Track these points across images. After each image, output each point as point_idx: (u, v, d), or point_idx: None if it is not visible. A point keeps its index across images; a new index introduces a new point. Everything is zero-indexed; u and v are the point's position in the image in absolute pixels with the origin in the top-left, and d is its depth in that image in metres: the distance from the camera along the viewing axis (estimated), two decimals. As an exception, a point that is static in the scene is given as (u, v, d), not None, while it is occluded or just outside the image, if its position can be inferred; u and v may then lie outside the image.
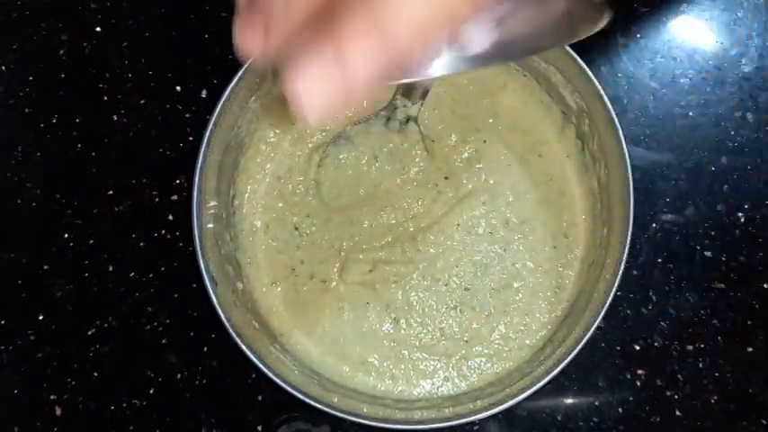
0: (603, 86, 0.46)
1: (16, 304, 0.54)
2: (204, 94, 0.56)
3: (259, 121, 0.52)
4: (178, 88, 0.56)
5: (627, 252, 0.45)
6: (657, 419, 0.51)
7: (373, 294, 0.51)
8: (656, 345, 0.52)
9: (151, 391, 0.52)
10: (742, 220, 0.54)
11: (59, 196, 0.55)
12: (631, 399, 0.51)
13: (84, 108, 0.56)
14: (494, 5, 0.25)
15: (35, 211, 0.55)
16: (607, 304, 0.44)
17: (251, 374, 0.52)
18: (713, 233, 0.54)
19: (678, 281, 0.53)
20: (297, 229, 0.52)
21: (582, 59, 0.47)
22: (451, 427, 0.45)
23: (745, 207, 0.54)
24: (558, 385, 0.51)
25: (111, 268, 0.54)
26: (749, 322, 0.52)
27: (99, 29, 0.57)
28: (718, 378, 0.52)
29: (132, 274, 0.54)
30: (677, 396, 0.51)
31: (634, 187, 0.46)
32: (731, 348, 0.52)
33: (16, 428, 0.52)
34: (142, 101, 0.56)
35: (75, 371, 0.52)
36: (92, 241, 0.54)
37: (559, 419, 0.51)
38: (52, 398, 0.52)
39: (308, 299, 0.51)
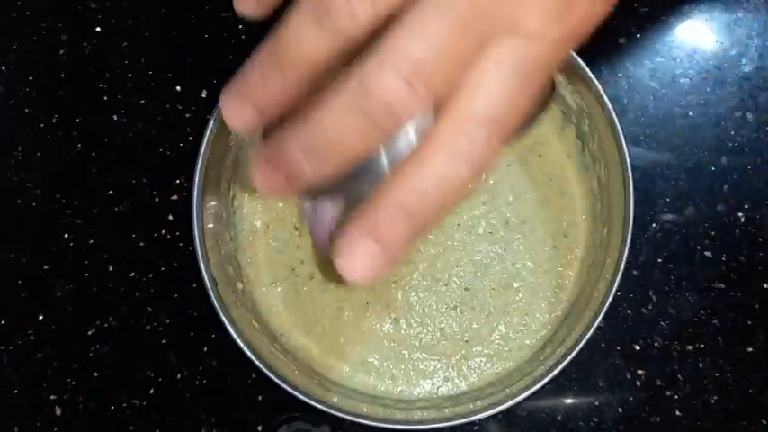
0: (603, 86, 0.46)
1: (16, 304, 0.54)
2: (204, 94, 0.56)
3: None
4: (178, 88, 0.56)
5: (627, 252, 0.45)
6: (657, 419, 0.51)
7: (373, 295, 0.51)
8: (656, 345, 0.52)
9: (151, 391, 0.52)
10: (742, 220, 0.54)
11: (59, 196, 0.55)
12: (631, 399, 0.51)
13: (84, 108, 0.56)
14: None
15: (35, 211, 0.55)
16: (607, 304, 0.44)
17: (251, 374, 0.52)
18: (713, 233, 0.54)
19: (678, 281, 0.53)
20: (297, 228, 0.52)
21: (582, 59, 0.47)
22: (451, 428, 0.45)
23: (746, 207, 0.54)
24: (558, 385, 0.51)
25: (111, 268, 0.54)
26: (749, 322, 0.52)
27: (99, 29, 0.57)
28: (719, 378, 0.52)
29: (132, 274, 0.54)
30: (677, 396, 0.51)
31: (634, 187, 0.46)
32: (731, 348, 0.52)
33: (16, 428, 0.52)
34: (142, 101, 0.56)
35: (75, 371, 0.52)
36: (92, 241, 0.54)
37: (559, 419, 0.51)
38: (52, 398, 0.52)
39: (308, 299, 0.51)
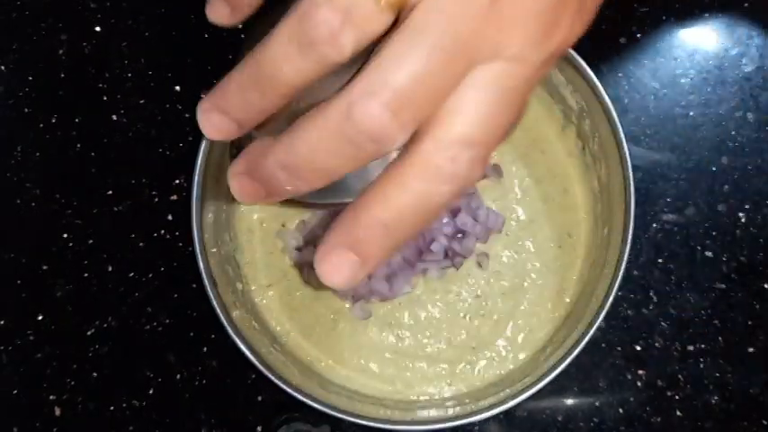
0: (604, 86, 0.46)
1: (16, 304, 0.53)
2: (204, 94, 0.56)
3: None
4: (178, 88, 0.56)
5: (628, 252, 0.45)
6: (658, 420, 0.51)
7: (374, 311, 0.51)
8: (657, 345, 0.52)
9: (151, 392, 0.52)
10: (743, 220, 0.54)
11: (59, 196, 0.55)
12: (632, 399, 0.51)
13: (84, 108, 0.56)
14: None
15: (35, 211, 0.55)
16: (608, 304, 0.44)
17: (251, 375, 0.52)
18: (714, 233, 0.54)
19: (679, 281, 0.53)
20: (284, 226, 0.52)
21: (583, 59, 0.46)
22: (452, 428, 0.45)
23: (746, 207, 0.54)
24: (559, 386, 0.51)
25: (110, 268, 0.54)
26: (750, 322, 0.52)
27: (99, 29, 0.57)
28: (719, 378, 0.51)
29: (132, 274, 0.53)
30: (678, 396, 0.51)
31: (635, 187, 0.45)
32: (732, 349, 0.52)
33: (16, 429, 0.52)
34: (142, 101, 0.56)
35: (74, 371, 0.52)
36: (91, 241, 0.54)
37: (560, 420, 0.51)
38: (52, 398, 0.52)
39: (302, 304, 0.51)
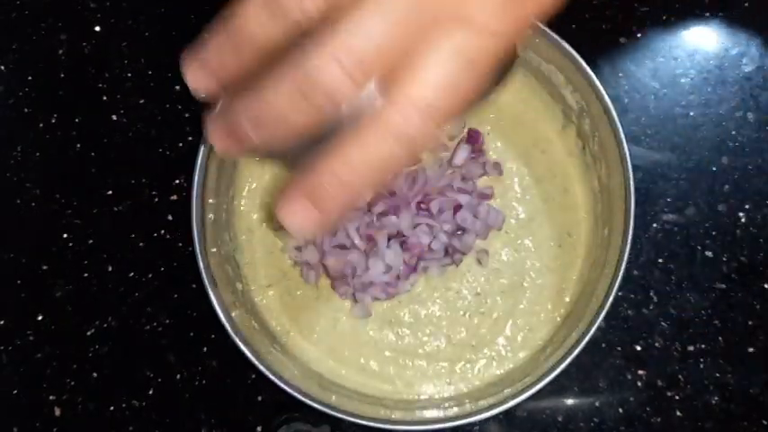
0: (604, 86, 0.46)
1: (16, 304, 0.53)
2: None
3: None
4: (178, 88, 0.56)
5: (628, 252, 0.45)
6: (658, 420, 0.51)
7: (374, 310, 0.51)
8: (657, 345, 0.52)
9: (151, 392, 0.52)
10: (743, 220, 0.54)
11: (59, 196, 0.55)
12: (632, 399, 0.51)
13: (84, 108, 0.56)
14: None
15: (35, 211, 0.55)
16: (608, 304, 0.44)
17: (251, 375, 0.52)
18: (714, 233, 0.54)
19: (679, 281, 0.53)
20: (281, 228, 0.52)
21: (582, 59, 0.46)
22: (452, 428, 0.45)
23: (746, 207, 0.54)
24: (559, 386, 0.51)
25: (110, 268, 0.54)
26: (750, 322, 0.52)
27: (98, 29, 0.57)
28: (719, 378, 0.51)
29: (132, 274, 0.53)
30: (678, 396, 0.51)
31: (635, 187, 0.45)
32: (732, 349, 0.52)
33: (16, 429, 0.52)
34: (142, 101, 0.56)
35: (74, 371, 0.52)
36: (91, 241, 0.54)
37: (560, 420, 0.51)
38: (52, 398, 0.52)
39: (302, 304, 0.51)
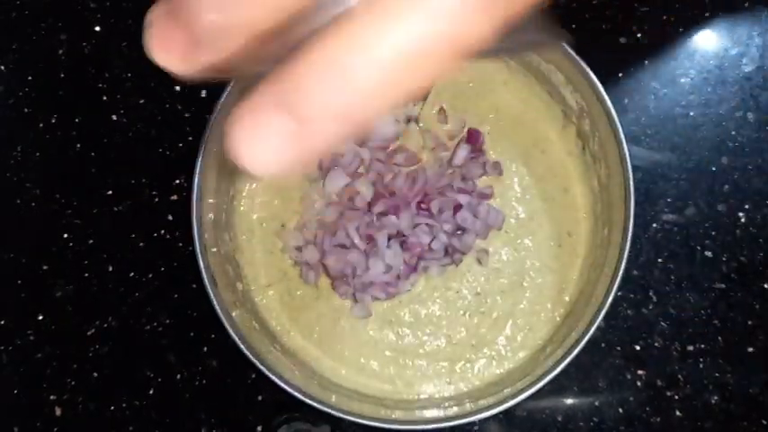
0: (604, 86, 0.46)
1: (16, 304, 0.53)
2: (204, 94, 0.56)
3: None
4: (178, 88, 0.56)
5: (627, 252, 0.45)
6: (658, 420, 0.51)
7: (374, 310, 0.51)
8: (657, 345, 0.52)
9: (151, 392, 0.52)
10: (743, 220, 0.54)
11: (59, 196, 0.55)
12: (632, 399, 0.51)
13: (84, 108, 0.56)
14: None
15: (35, 211, 0.55)
16: (608, 304, 0.44)
17: (251, 374, 0.52)
18: (714, 233, 0.54)
19: (679, 281, 0.53)
20: (283, 226, 0.52)
21: (582, 59, 0.46)
22: (451, 428, 0.45)
23: (746, 207, 0.54)
24: (559, 385, 0.51)
25: (110, 268, 0.54)
26: (750, 322, 0.52)
27: (99, 29, 0.57)
28: (719, 378, 0.52)
29: (132, 274, 0.54)
30: (677, 396, 0.51)
31: (635, 187, 0.45)
32: (732, 348, 0.52)
33: (16, 429, 0.52)
34: (142, 101, 0.56)
35: (75, 371, 0.52)
36: (91, 241, 0.54)
37: (560, 420, 0.51)
38: (52, 398, 0.52)
39: (302, 304, 0.51)
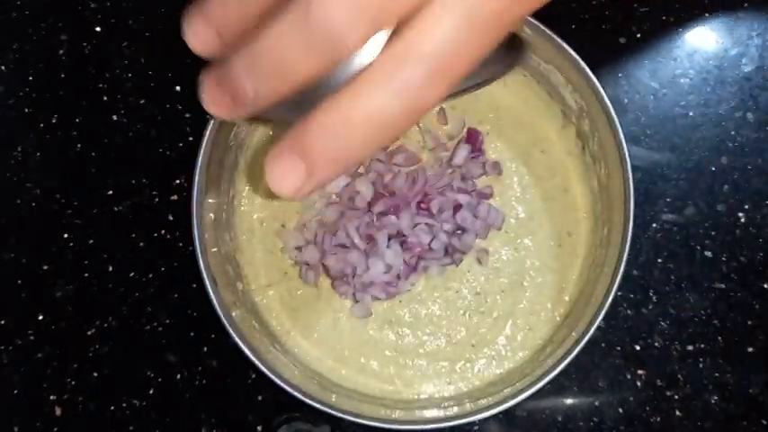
0: (604, 86, 0.46)
1: (16, 304, 0.54)
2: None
3: (259, 121, 0.52)
4: (178, 88, 0.56)
5: (627, 252, 0.45)
6: (657, 420, 0.51)
7: (374, 310, 0.51)
8: (657, 345, 0.52)
9: (151, 391, 0.52)
10: (742, 220, 0.54)
11: (59, 196, 0.55)
12: (631, 399, 0.51)
13: (84, 108, 0.56)
14: None
15: (35, 211, 0.55)
16: (607, 304, 0.44)
17: (251, 374, 0.52)
18: (714, 233, 0.54)
19: (678, 281, 0.53)
20: (283, 226, 0.52)
21: (582, 59, 0.46)
22: (451, 428, 0.45)
23: (746, 207, 0.54)
24: (558, 385, 0.51)
25: (110, 268, 0.54)
26: (749, 322, 0.52)
27: (99, 29, 0.57)
28: (719, 378, 0.52)
29: (132, 274, 0.54)
30: (677, 396, 0.51)
31: (634, 187, 0.45)
32: (731, 348, 0.52)
33: (16, 429, 0.52)
34: (142, 101, 0.56)
35: (75, 371, 0.52)
36: (92, 241, 0.54)
37: (559, 420, 0.51)
38: (52, 398, 0.52)
39: (303, 303, 0.51)
